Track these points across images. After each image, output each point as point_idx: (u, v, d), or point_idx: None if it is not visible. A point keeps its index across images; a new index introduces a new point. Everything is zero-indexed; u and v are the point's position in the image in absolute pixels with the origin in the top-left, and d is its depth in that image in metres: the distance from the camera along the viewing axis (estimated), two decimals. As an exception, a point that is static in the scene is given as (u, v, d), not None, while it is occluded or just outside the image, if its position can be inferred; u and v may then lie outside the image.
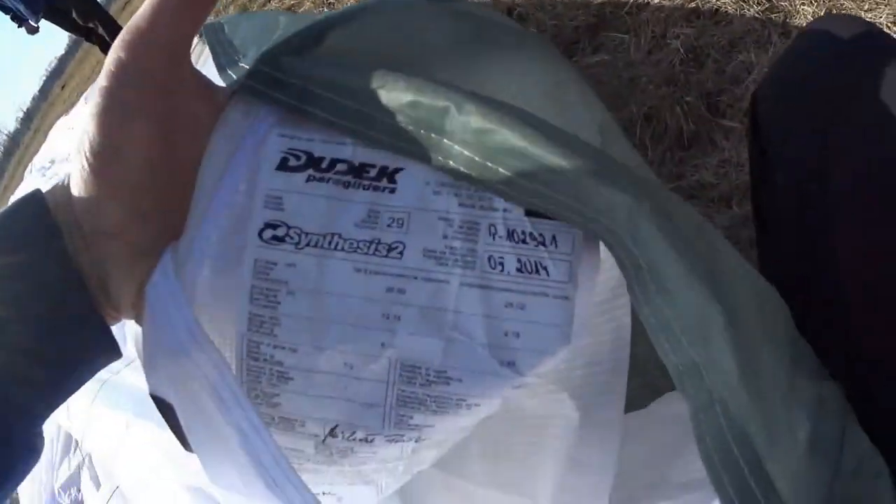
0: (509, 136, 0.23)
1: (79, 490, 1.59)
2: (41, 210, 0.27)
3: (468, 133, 0.24)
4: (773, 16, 1.15)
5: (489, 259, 0.25)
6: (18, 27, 4.04)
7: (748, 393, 0.23)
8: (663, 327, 0.24)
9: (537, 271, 0.25)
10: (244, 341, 0.26)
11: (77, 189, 0.27)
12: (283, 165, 0.26)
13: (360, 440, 0.26)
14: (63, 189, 0.28)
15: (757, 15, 1.16)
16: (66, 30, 4.43)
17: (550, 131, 0.24)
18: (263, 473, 0.24)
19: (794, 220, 0.38)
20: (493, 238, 0.25)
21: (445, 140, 0.25)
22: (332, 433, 0.26)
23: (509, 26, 0.30)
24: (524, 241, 0.25)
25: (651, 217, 0.23)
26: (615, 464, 0.35)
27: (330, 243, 0.25)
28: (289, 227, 0.26)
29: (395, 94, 0.25)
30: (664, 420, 0.40)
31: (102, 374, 0.29)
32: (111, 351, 0.29)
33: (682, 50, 1.22)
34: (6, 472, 0.26)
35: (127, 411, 1.04)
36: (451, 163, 0.25)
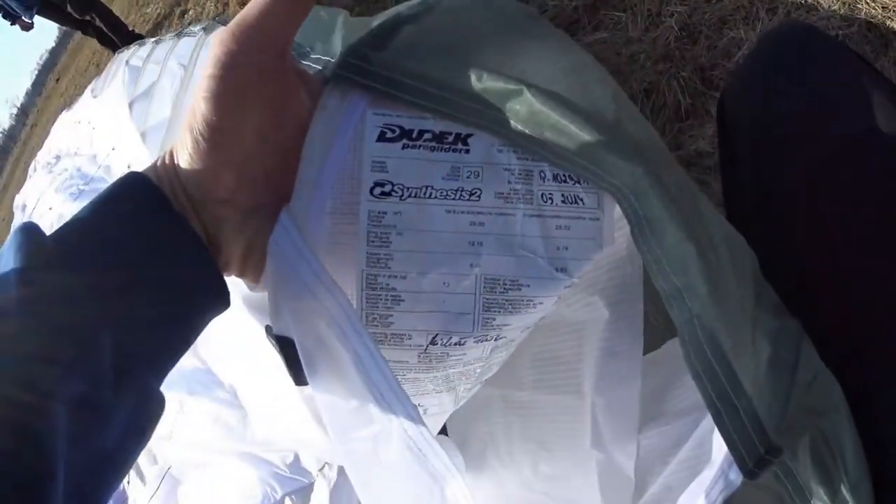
0: (552, 116, 0.30)
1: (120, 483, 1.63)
2: (146, 184, 0.30)
3: (529, 112, 0.31)
4: (760, -7, 1.21)
5: (542, 195, 0.32)
6: (11, 24, 3.95)
7: (717, 309, 0.29)
8: (655, 261, 0.30)
9: (576, 202, 0.32)
10: (364, 276, 0.32)
11: (187, 163, 0.30)
12: (381, 137, 0.32)
13: (455, 344, 0.33)
14: (163, 166, 0.31)
15: (745, -7, 1.22)
16: (62, 24, 4.37)
17: (579, 110, 0.30)
18: (373, 389, 0.30)
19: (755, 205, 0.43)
20: (543, 180, 0.32)
21: (507, 118, 0.31)
22: (433, 342, 0.33)
23: (537, 19, 0.36)
24: (565, 181, 0.32)
25: (648, 180, 0.29)
26: (641, 350, 0.43)
27: (425, 193, 0.31)
28: (393, 184, 0.31)
29: (468, 82, 0.31)
30: (658, 362, 0.47)
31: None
32: (224, 299, 0.32)
33: (676, 27, 1.28)
34: (149, 423, 0.29)
35: (181, 391, 1.11)
36: (511, 134, 0.32)
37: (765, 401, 0.29)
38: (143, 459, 1.47)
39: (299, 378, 0.33)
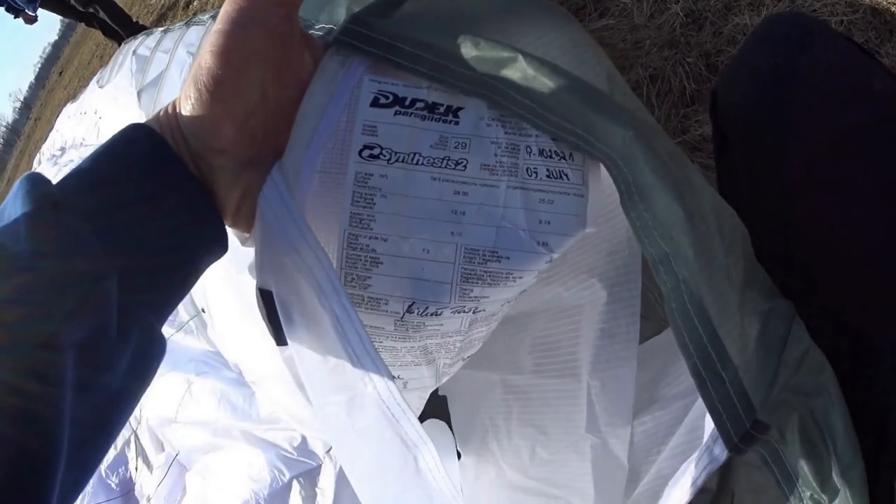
0: (545, 81, 0.31)
1: (126, 468, 1.65)
2: (149, 132, 0.31)
3: (523, 78, 0.31)
4: (766, -21, 1.20)
5: (527, 169, 0.32)
6: (15, 18, 3.95)
7: (702, 276, 0.29)
8: (643, 226, 0.30)
9: (560, 177, 0.32)
10: (345, 235, 0.32)
11: (190, 113, 0.31)
12: (375, 103, 0.33)
13: (431, 314, 0.33)
14: (165, 116, 0.32)
15: (751, -22, 1.22)
16: (65, 16, 4.36)
17: (571, 78, 0.31)
18: (349, 349, 0.30)
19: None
20: (529, 155, 0.32)
21: (500, 84, 0.32)
22: (409, 310, 0.33)
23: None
24: (550, 157, 0.32)
25: (637, 144, 0.30)
26: (637, 332, 0.43)
27: (413, 159, 0.32)
28: (382, 148, 0.32)
29: (465, 49, 0.32)
30: (653, 351, 0.48)
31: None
32: (223, 242, 0.33)
33: (681, 14, 1.27)
34: (151, 363, 0.30)
35: (189, 372, 1.13)
36: (502, 100, 0.32)
37: (751, 373, 0.29)
38: (149, 446, 1.49)
39: (279, 337, 0.34)
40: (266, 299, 0.33)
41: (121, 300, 0.27)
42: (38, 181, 0.28)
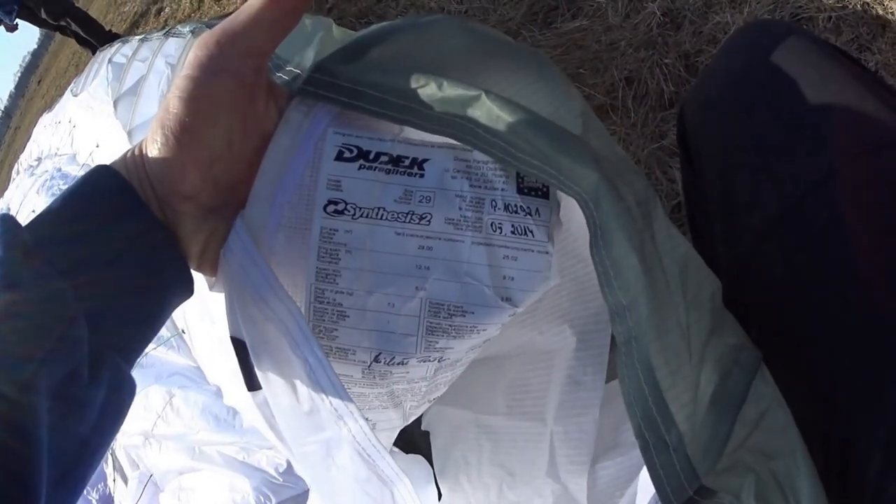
0: (511, 121, 0.31)
1: (105, 485, 1.64)
2: (116, 176, 0.31)
3: (489, 117, 0.31)
4: (746, -25, 1.18)
5: (491, 224, 0.32)
6: None
7: (655, 333, 0.29)
8: (604, 273, 0.30)
9: (525, 233, 0.32)
10: (312, 289, 0.33)
11: (156, 157, 0.31)
12: (339, 156, 0.33)
13: (398, 363, 0.33)
14: (132, 158, 0.32)
15: (730, -26, 1.20)
16: (40, 27, 4.37)
17: (538, 118, 0.31)
18: (323, 395, 0.31)
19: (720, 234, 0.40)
20: (494, 209, 0.32)
21: (469, 124, 0.32)
22: (376, 359, 0.33)
23: (504, 39, 0.37)
24: (516, 212, 0.32)
25: (603, 187, 0.29)
26: (603, 381, 0.43)
27: (377, 214, 0.32)
28: (346, 203, 0.33)
29: (430, 90, 0.32)
30: (612, 394, 0.46)
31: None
32: (189, 286, 0.34)
33: (658, 13, 1.25)
34: (122, 407, 0.31)
35: (171, 385, 1.13)
36: (471, 139, 0.32)
37: (699, 439, 0.28)
38: (124, 462, 1.47)
39: (252, 382, 0.34)
40: (238, 347, 0.33)
41: (91, 344, 0.28)
42: (9, 225, 0.28)
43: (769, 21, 0.45)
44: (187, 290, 0.34)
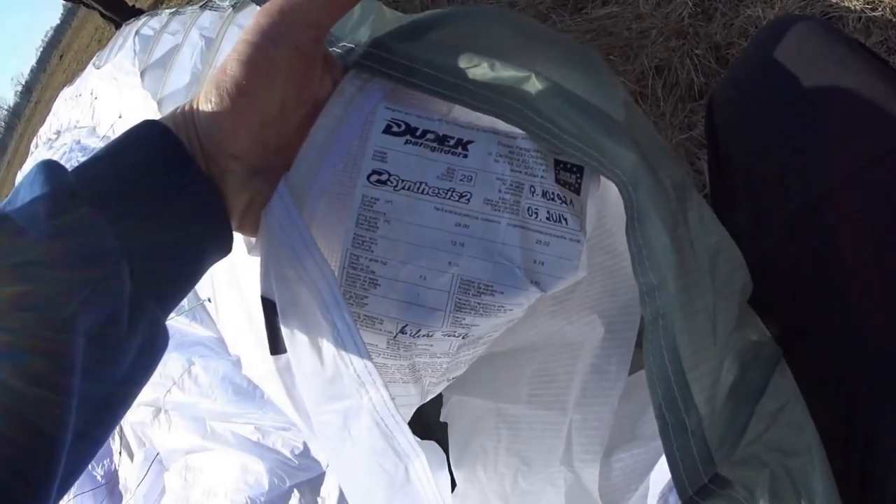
0: (557, 101, 0.31)
1: (111, 461, 1.65)
2: (164, 130, 0.32)
3: (537, 97, 0.32)
4: (781, -32, 1.17)
5: (528, 209, 0.33)
6: None
7: (681, 312, 0.29)
8: (637, 253, 0.30)
9: (560, 220, 0.33)
10: (347, 254, 0.33)
11: (207, 116, 0.32)
12: (387, 130, 0.34)
13: (423, 335, 0.34)
14: (182, 115, 0.33)
15: (765, -33, 1.19)
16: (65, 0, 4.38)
17: (582, 100, 0.32)
18: (348, 361, 0.32)
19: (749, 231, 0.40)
20: (532, 195, 0.33)
21: (517, 104, 0.32)
22: (402, 331, 0.34)
23: (551, 31, 0.38)
24: (553, 199, 0.33)
25: (641, 167, 0.30)
26: (626, 373, 0.43)
27: (419, 188, 0.33)
28: (390, 175, 0.33)
29: (482, 70, 0.33)
30: (633, 386, 0.47)
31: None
32: (228, 244, 0.34)
33: (690, 3, 1.23)
34: (156, 356, 0.31)
35: (193, 353, 1.14)
36: (518, 118, 0.33)
37: (718, 424, 0.28)
38: (131, 438, 1.48)
39: (277, 345, 0.35)
40: (267, 308, 0.34)
41: (131, 291, 0.28)
42: (55, 168, 0.28)
43: (799, 16, 0.45)
44: (226, 247, 0.34)
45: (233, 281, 0.90)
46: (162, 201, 0.30)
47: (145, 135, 0.32)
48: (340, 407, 0.34)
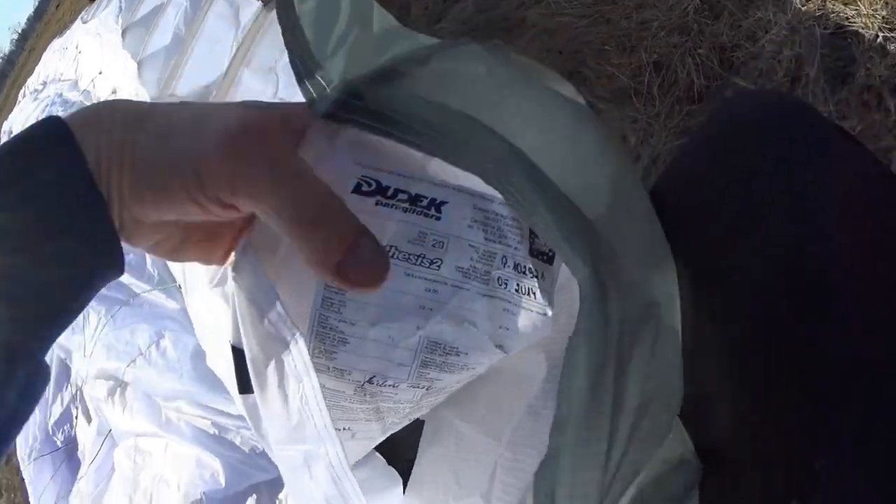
0: (531, 195, 0.32)
1: (71, 426, 1.63)
2: (65, 133, 0.29)
3: (512, 174, 0.32)
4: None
5: (498, 279, 0.34)
6: None
7: (571, 464, 0.31)
8: (563, 369, 0.33)
9: (528, 294, 0.34)
10: (317, 315, 0.34)
11: (128, 196, 0.29)
12: (357, 189, 0.33)
13: (389, 386, 0.36)
14: (116, 151, 0.29)
15: (777, -30, 1.13)
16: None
17: (557, 199, 0.32)
18: (311, 419, 0.34)
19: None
20: (504, 266, 0.34)
21: (496, 168, 0.33)
22: (369, 381, 0.35)
23: (543, 70, 0.36)
24: (524, 273, 0.34)
25: (591, 293, 0.31)
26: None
27: (389, 253, 0.33)
28: None
29: (459, 124, 0.33)
30: None
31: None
32: (117, 264, 0.31)
33: (697, -2, 1.19)
34: (36, 395, 0.30)
35: (163, 327, 1.11)
36: (498, 185, 0.33)
37: None
38: (89, 404, 1.45)
39: (245, 387, 0.36)
40: (237, 356, 0.35)
41: (8, 334, 0.27)
42: None
43: (767, 93, 0.39)
44: (116, 262, 0.31)
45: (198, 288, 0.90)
46: (48, 237, 0.28)
47: (64, 182, 0.29)
48: (302, 448, 0.36)
